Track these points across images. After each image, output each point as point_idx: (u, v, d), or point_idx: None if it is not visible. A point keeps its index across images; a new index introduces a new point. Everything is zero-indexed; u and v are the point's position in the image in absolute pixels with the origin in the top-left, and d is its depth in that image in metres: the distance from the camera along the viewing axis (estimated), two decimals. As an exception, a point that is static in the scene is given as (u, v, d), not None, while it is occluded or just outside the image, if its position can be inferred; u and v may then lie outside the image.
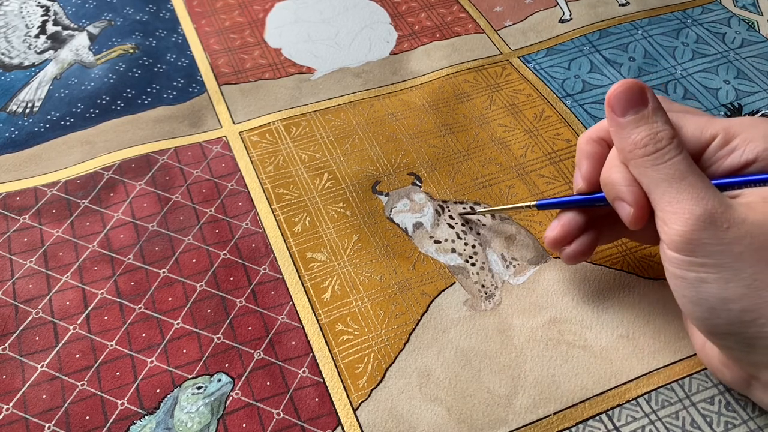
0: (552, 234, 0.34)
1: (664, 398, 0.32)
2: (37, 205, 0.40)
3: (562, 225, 0.34)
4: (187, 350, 0.34)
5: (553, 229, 0.34)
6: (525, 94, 0.47)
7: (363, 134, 0.44)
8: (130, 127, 0.45)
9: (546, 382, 0.33)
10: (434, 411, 0.32)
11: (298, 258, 0.38)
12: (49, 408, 0.32)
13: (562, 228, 0.34)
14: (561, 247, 0.34)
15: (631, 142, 0.29)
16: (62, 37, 0.50)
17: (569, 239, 0.34)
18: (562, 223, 0.34)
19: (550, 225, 0.35)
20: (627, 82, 0.30)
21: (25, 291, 0.36)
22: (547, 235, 0.34)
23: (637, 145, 0.29)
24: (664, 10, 0.53)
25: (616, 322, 0.35)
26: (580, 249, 0.34)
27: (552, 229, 0.34)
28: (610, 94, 0.30)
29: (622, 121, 0.30)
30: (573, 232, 0.34)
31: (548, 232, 0.34)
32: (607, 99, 0.30)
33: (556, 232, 0.34)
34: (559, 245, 0.34)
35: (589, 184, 0.33)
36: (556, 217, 0.35)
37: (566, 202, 0.35)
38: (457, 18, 0.53)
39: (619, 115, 0.30)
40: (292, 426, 0.32)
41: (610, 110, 0.30)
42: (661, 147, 0.28)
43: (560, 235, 0.34)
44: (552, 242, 0.34)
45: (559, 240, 0.34)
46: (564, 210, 0.35)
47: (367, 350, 0.34)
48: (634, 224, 0.30)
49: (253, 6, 0.54)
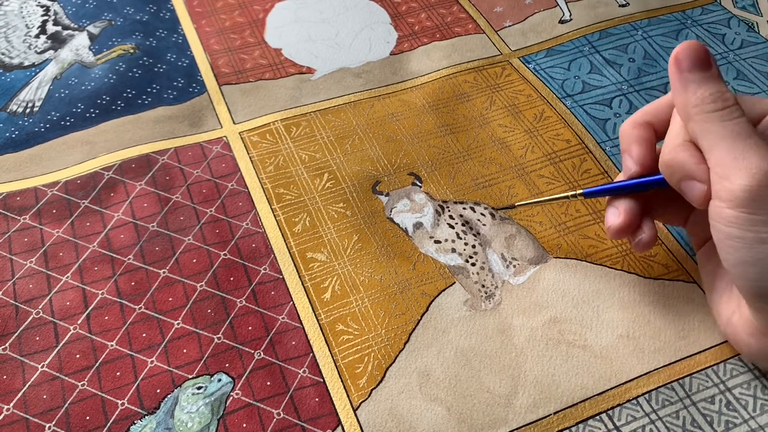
0: (618, 221, 0.33)
1: (664, 398, 0.32)
2: (37, 205, 0.40)
3: (625, 211, 0.33)
4: (188, 350, 0.34)
5: (616, 216, 0.33)
6: (525, 95, 0.47)
7: (363, 134, 0.44)
8: (130, 127, 0.45)
9: (546, 382, 0.33)
10: (434, 411, 0.32)
11: (299, 258, 0.38)
12: (50, 408, 0.32)
13: (626, 214, 0.33)
14: (628, 235, 0.33)
15: (699, 96, 0.29)
16: (62, 37, 0.50)
17: (634, 226, 0.33)
18: (624, 209, 0.33)
19: (609, 213, 0.34)
20: (693, 43, 0.30)
21: (25, 291, 0.36)
22: (612, 223, 0.33)
23: (704, 100, 0.29)
24: (663, 10, 0.53)
25: (616, 321, 0.35)
26: (653, 234, 0.33)
27: (615, 216, 0.33)
28: (678, 50, 0.30)
29: (690, 76, 0.30)
30: (636, 219, 0.33)
31: (612, 221, 0.33)
32: (674, 55, 0.30)
33: (621, 219, 0.33)
34: (626, 233, 0.33)
35: (643, 167, 0.33)
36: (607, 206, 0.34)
37: (617, 188, 0.34)
38: (457, 18, 0.53)
39: (686, 71, 0.30)
40: (293, 426, 0.32)
41: (677, 66, 0.30)
42: (728, 104, 0.29)
43: (626, 222, 0.33)
44: (619, 230, 0.33)
45: (625, 227, 0.33)
46: (614, 198, 0.34)
47: (368, 350, 0.34)
48: (705, 202, 0.29)
49: (254, 6, 0.54)
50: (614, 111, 0.46)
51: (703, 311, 0.36)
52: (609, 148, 0.43)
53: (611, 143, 0.44)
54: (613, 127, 0.45)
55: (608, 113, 0.45)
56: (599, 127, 0.45)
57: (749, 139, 0.28)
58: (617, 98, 0.46)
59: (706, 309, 0.36)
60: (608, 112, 0.46)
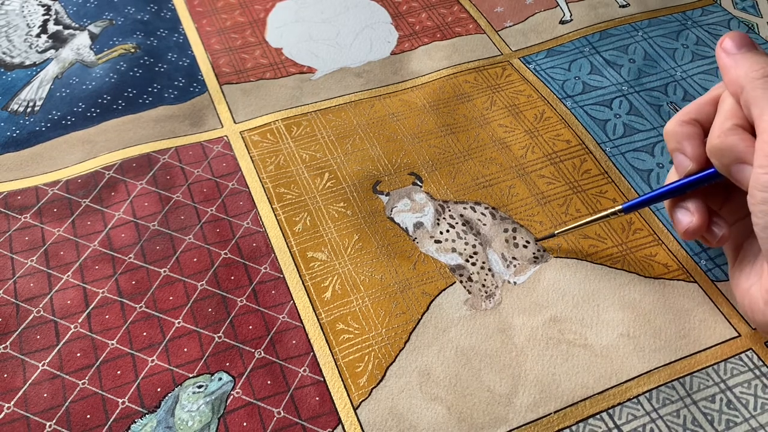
0: (694, 222, 0.33)
1: (665, 396, 0.33)
2: (38, 204, 0.40)
3: (697, 210, 0.33)
4: (188, 349, 0.34)
5: (689, 216, 0.33)
6: (525, 95, 0.47)
7: (364, 134, 0.44)
8: (131, 126, 0.45)
9: (546, 381, 0.33)
10: (435, 410, 0.32)
11: (299, 257, 0.38)
12: (50, 407, 0.32)
13: (699, 213, 0.33)
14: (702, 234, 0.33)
15: (750, 65, 0.30)
16: (63, 37, 0.50)
17: (707, 223, 0.33)
18: (695, 208, 0.33)
19: (680, 216, 0.33)
20: (735, 32, 0.32)
21: (26, 290, 0.36)
22: (685, 224, 0.33)
23: (755, 68, 0.30)
24: (664, 11, 0.53)
25: (616, 321, 0.35)
26: (728, 226, 0.33)
27: (687, 216, 0.33)
28: (723, 39, 0.32)
29: (738, 54, 0.31)
30: (708, 216, 0.33)
31: (684, 222, 0.33)
32: (720, 43, 0.32)
33: (696, 218, 0.33)
34: (700, 232, 0.33)
35: (699, 162, 0.33)
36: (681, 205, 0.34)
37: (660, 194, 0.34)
38: (457, 18, 0.53)
39: (734, 50, 0.31)
40: (293, 425, 0.32)
41: (723, 51, 0.32)
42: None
43: (702, 221, 0.33)
44: (696, 230, 0.33)
45: (702, 226, 0.33)
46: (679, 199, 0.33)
47: (368, 349, 0.34)
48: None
49: (254, 6, 0.54)
50: (614, 112, 0.46)
51: (703, 310, 0.36)
52: (609, 148, 0.43)
53: (611, 144, 0.44)
54: (613, 127, 0.45)
55: (608, 114, 0.46)
56: (599, 127, 0.45)
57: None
58: (617, 99, 0.46)
59: (706, 308, 0.36)
60: (608, 113, 0.46)
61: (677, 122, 0.34)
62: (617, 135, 0.44)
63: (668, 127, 0.34)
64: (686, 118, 0.34)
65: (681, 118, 0.34)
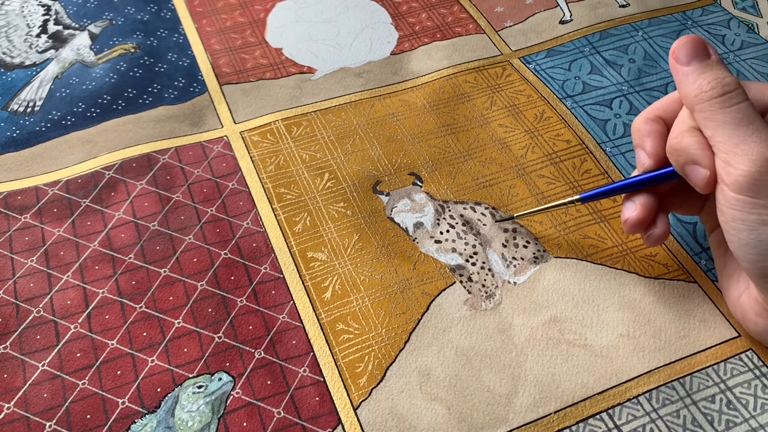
0: (634, 215, 0.33)
1: (665, 396, 0.33)
2: (38, 204, 0.40)
3: (642, 205, 0.33)
4: (188, 349, 0.34)
5: (631, 210, 0.34)
6: (525, 95, 0.47)
7: (364, 134, 0.44)
8: (131, 126, 0.45)
9: (546, 381, 0.33)
10: (435, 410, 0.32)
11: (299, 257, 0.38)
12: (50, 407, 0.32)
13: (642, 208, 0.33)
14: (642, 229, 0.34)
15: (698, 86, 0.30)
16: (63, 37, 0.50)
17: (649, 220, 0.33)
18: (640, 203, 0.33)
19: (625, 207, 0.34)
20: (690, 36, 0.31)
21: (26, 290, 0.36)
22: (628, 216, 0.34)
23: (703, 88, 0.29)
24: (664, 11, 0.53)
25: (616, 321, 0.35)
26: (666, 229, 0.34)
27: (630, 210, 0.34)
28: (675, 45, 0.31)
29: (688, 69, 0.30)
30: (652, 213, 0.33)
31: (628, 214, 0.34)
32: (672, 50, 0.31)
33: (638, 212, 0.33)
34: (641, 227, 0.34)
35: (657, 159, 0.33)
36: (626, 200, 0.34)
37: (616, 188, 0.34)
38: (457, 18, 0.53)
39: (683, 64, 0.31)
40: (293, 425, 0.32)
41: (675, 60, 0.31)
42: (728, 90, 0.29)
43: (642, 216, 0.33)
44: (634, 224, 0.33)
45: (642, 220, 0.33)
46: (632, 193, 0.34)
47: (368, 349, 0.34)
48: (708, 187, 0.30)
49: (254, 6, 0.54)
50: (614, 112, 0.46)
51: (703, 310, 0.36)
52: (609, 148, 0.43)
53: (611, 144, 0.44)
54: (614, 127, 0.45)
55: (608, 114, 0.46)
56: (599, 127, 0.45)
57: (751, 125, 0.28)
58: (617, 99, 0.46)
59: (706, 308, 0.36)
60: (608, 113, 0.46)
61: (643, 119, 0.34)
62: (617, 135, 0.44)
63: (634, 123, 0.35)
64: (652, 116, 0.34)
65: (647, 115, 0.34)
